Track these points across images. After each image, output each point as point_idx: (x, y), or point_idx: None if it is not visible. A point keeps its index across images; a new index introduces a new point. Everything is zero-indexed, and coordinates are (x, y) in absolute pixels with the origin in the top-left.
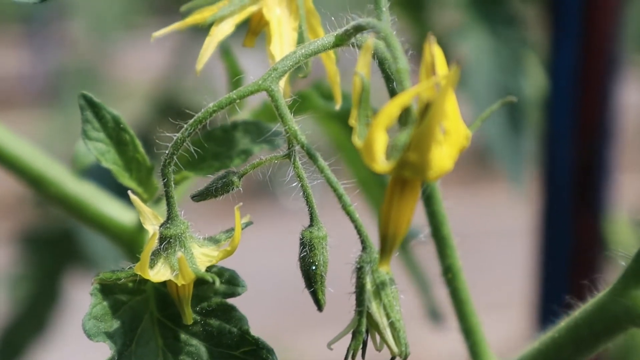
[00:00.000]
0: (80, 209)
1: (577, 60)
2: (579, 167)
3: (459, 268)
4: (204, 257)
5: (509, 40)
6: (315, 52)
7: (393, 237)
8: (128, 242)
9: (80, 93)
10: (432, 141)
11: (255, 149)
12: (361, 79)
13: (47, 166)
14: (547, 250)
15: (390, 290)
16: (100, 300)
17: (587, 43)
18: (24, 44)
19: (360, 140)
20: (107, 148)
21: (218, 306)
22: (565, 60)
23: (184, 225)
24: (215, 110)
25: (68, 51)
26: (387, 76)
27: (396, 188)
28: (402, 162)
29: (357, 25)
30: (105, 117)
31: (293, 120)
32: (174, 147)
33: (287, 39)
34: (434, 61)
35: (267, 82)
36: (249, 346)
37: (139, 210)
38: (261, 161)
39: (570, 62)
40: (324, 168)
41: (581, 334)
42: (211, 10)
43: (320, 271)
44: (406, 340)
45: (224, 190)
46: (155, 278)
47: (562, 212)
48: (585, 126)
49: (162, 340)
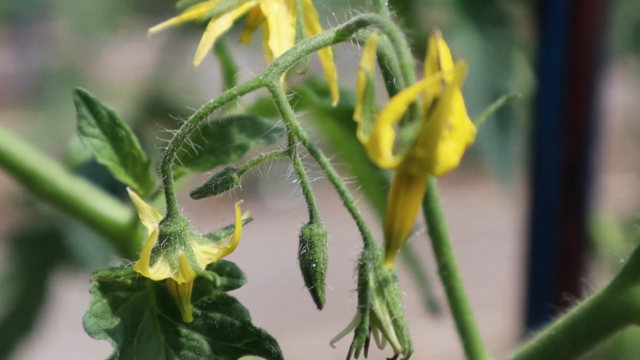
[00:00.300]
0: (73, 206)
1: (564, 60)
2: (566, 166)
3: (455, 266)
4: (203, 255)
5: (497, 39)
6: (316, 48)
7: (398, 233)
8: (121, 239)
9: (75, 89)
10: (439, 137)
11: (251, 143)
12: (366, 74)
13: (40, 163)
14: (534, 249)
15: (393, 287)
16: (99, 298)
17: (574, 43)
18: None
19: (365, 136)
20: (103, 144)
21: (219, 299)
22: (552, 60)
23: (184, 223)
24: (216, 106)
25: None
26: (387, 72)
27: (402, 184)
28: (409, 158)
29: (359, 20)
30: (100, 113)
31: (294, 116)
32: (174, 144)
33: (285, 34)
34: (439, 56)
35: (268, 77)
36: (251, 337)
37: (137, 206)
38: (261, 158)
39: (557, 61)
40: (325, 164)
41: (578, 332)
42: (208, 6)
43: (320, 269)
44: (409, 337)
45: (224, 187)
46: (155, 276)
47: (548, 211)
48: (572, 126)
49: (163, 335)
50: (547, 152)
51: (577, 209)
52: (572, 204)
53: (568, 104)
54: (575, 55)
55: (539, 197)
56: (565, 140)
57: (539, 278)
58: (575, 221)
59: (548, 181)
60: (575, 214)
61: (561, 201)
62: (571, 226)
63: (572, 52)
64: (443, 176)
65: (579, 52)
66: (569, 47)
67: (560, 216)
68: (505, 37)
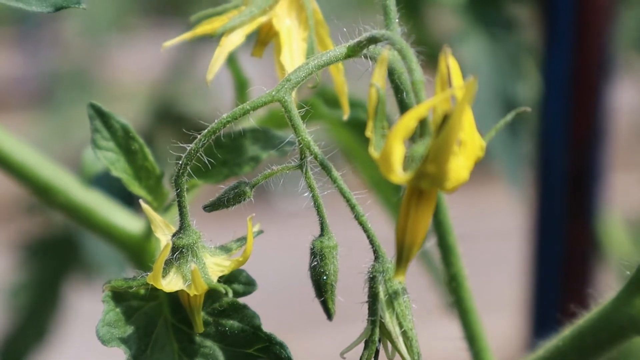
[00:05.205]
0: (87, 217)
1: (571, 62)
2: (573, 169)
3: (464, 277)
4: (215, 267)
5: (506, 44)
6: (327, 63)
7: (409, 247)
8: (135, 250)
9: (89, 103)
10: (450, 153)
11: (263, 155)
12: (377, 90)
13: (54, 174)
14: (541, 253)
15: (403, 300)
16: (112, 307)
17: (580, 46)
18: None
19: (377, 152)
20: (117, 157)
21: (230, 306)
22: (558, 63)
23: (196, 235)
24: (229, 120)
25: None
26: (397, 87)
27: (412, 198)
28: (420, 174)
29: (370, 37)
30: (114, 127)
31: (306, 130)
32: (188, 158)
33: (297, 49)
34: (449, 72)
35: (281, 93)
36: (262, 343)
37: (150, 218)
38: (273, 171)
39: (563, 64)
40: (337, 179)
41: (585, 343)
42: (221, 21)
43: (330, 280)
44: (419, 349)
45: (236, 201)
46: (167, 288)
47: (555, 214)
48: (579, 129)
49: (177, 344)
50: (554, 154)
51: (585, 211)
52: (580, 206)
53: (575, 107)
54: (581, 58)
55: (545, 200)
56: (573, 143)
57: (546, 280)
58: (583, 223)
59: (555, 183)
60: (582, 216)
61: (568, 204)
62: (578, 228)
63: (579, 55)
64: (453, 191)
65: (585, 55)
66: (576, 50)
67: (567, 219)
68: (514, 41)
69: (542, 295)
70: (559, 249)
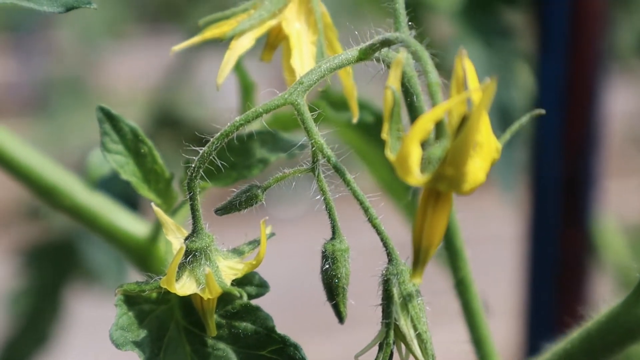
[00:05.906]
0: (92, 220)
1: (565, 68)
2: (567, 175)
3: (471, 281)
4: (228, 270)
5: (501, 50)
6: (339, 66)
7: (426, 250)
8: (140, 253)
9: (98, 105)
10: (468, 155)
11: (272, 158)
12: (392, 93)
13: (60, 177)
14: (535, 258)
15: (417, 302)
16: (125, 311)
17: (574, 52)
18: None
19: (393, 154)
20: (126, 160)
21: (242, 308)
22: (552, 69)
23: (209, 239)
24: (242, 123)
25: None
26: (406, 90)
27: (430, 201)
28: (437, 176)
29: (384, 40)
30: (123, 130)
31: (318, 133)
32: (200, 161)
33: (307, 53)
34: (465, 75)
35: (294, 96)
36: (276, 345)
37: (162, 222)
38: (284, 175)
39: (557, 70)
40: (350, 182)
41: (594, 345)
42: (229, 25)
43: (342, 284)
44: (433, 352)
45: (248, 204)
46: (181, 292)
47: (549, 220)
48: (573, 135)
49: (189, 346)
50: (548, 160)
51: (579, 217)
52: (574, 211)
53: (569, 113)
54: (576, 64)
55: (540, 205)
56: (567, 149)
57: (541, 285)
58: (577, 229)
59: (549, 189)
60: (576, 222)
61: (562, 209)
62: (573, 234)
63: (573, 61)
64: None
65: (579, 61)
66: (570, 57)
67: (561, 224)
68: (509, 48)
69: (536, 300)
70: (553, 254)
